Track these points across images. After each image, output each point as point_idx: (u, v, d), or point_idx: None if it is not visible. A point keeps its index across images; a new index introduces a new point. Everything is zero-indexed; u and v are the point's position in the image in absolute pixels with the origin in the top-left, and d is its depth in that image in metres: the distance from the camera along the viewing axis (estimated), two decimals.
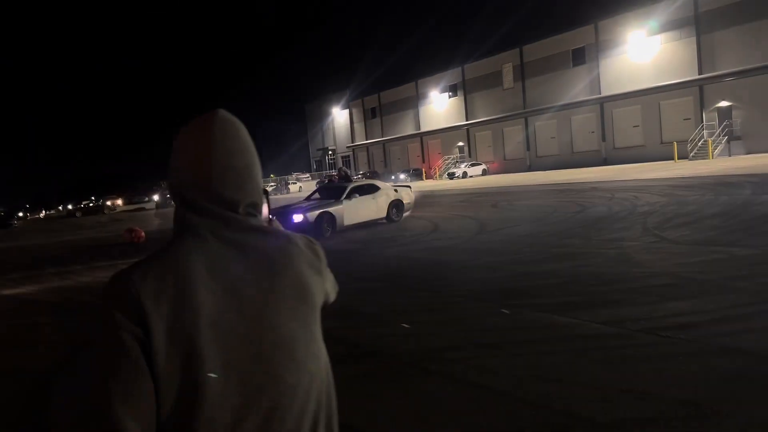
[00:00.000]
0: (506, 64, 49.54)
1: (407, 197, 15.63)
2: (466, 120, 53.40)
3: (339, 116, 72.70)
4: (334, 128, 74.22)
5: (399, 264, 9.19)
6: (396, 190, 15.59)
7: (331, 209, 13.95)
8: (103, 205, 61.54)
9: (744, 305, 5.03)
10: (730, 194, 13.61)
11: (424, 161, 56.95)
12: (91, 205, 64.58)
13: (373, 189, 15.11)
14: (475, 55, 51.52)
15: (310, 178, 70.81)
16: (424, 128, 58.44)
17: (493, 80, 50.79)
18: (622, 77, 39.55)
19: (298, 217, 13.34)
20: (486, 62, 51.15)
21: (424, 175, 52.69)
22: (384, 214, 15.05)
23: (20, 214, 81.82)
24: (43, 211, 77.03)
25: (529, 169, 45.79)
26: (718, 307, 5.03)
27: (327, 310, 1.23)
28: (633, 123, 39.28)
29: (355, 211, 14.31)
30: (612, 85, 40.33)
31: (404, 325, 5.46)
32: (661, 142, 37.23)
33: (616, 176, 25.18)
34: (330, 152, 76.04)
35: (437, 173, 51.05)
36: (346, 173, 16.83)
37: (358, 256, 10.44)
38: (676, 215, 11.24)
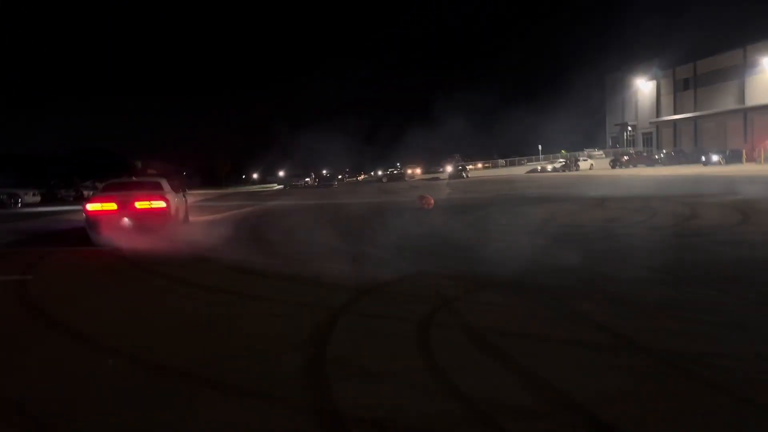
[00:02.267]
0: None
1: None
2: None
3: (643, 88, 66.37)
4: (636, 101, 68.17)
5: (691, 256, 8.23)
6: None
7: None
8: (404, 173, 67.99)
9: None
10: None
11: (746, 141, 48.61)
12: (395, 172, 71.93)
13: None
14: None
15: (603, 156, 66.72)
16: (751, 102, 49.74)
17: None
18: None
19: None
20: None
21: (743, 157, 45.03)
22: None
23: (339, 177, 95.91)
24: (362, 175, 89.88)
25: None
26: None
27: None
28: None
29: None
30: None
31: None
32: None
33: None
34: (629, 128, 70.29)
35: (762, 156, 43.08)
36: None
37: (639, 240, 9.65)
38: None
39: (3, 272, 9.05)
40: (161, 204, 11.88)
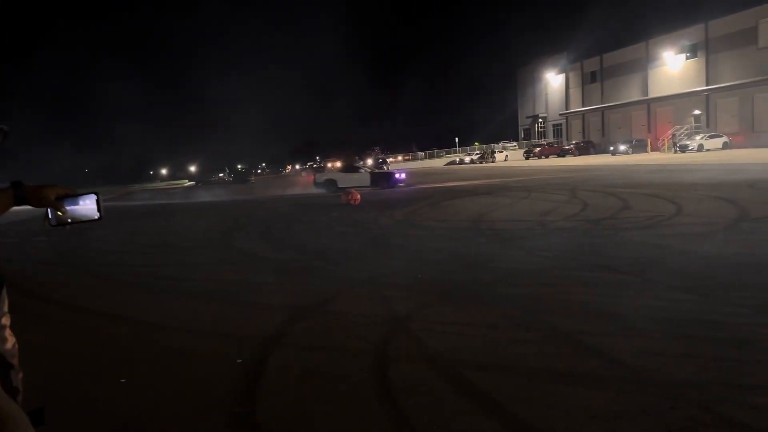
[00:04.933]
0: (764, 19, 41.71)
1: None
2: (706, 85, 46.41)
3: (553, 81, 68.46)
4: (547, 94, 70.25)
5: (649, 252, 7.65)
6: None
7: None
8: (325, 167, 66.44)
9: None
10: None
11: (650, 131, 51.11)
12: (314, 165, 70.26)
13: None
14: (723, 8, 44.00)
15: (516, 147, 68.38)
16: (653, 94, 52.30)
17: (744, 38, 43.26)
18: None
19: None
20: (738, 17, 43.65)
21: (648, 146, 47.36)
22: None
23: (258, 171, 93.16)
24: (288, 168, 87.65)
25: None
26: None
27: None
28: None
29: None
30: None
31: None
32: None
33: None
34: (540, 120, 72.43)
35: (665, 145, 45.39)
36: None
37: (585, 236, 9.09)
38: None
39: None
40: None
